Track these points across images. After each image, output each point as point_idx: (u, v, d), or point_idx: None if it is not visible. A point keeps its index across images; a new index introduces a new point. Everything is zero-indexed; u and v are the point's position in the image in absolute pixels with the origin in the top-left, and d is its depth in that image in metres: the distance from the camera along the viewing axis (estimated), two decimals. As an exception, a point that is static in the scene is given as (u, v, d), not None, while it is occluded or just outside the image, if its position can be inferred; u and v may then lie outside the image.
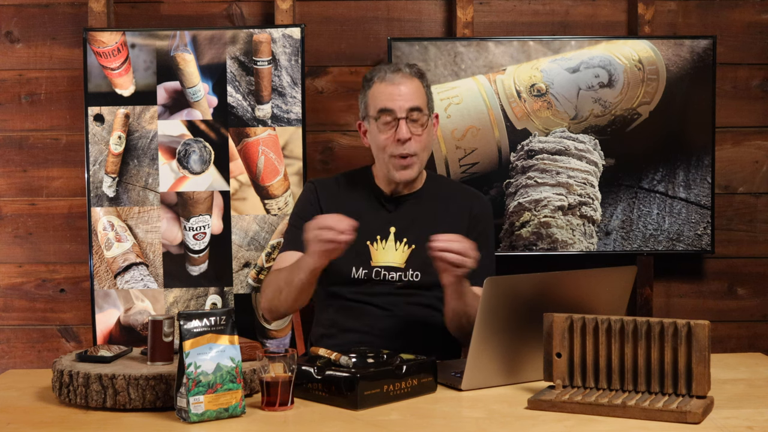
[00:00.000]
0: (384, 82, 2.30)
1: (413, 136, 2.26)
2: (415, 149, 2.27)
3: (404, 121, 2.25)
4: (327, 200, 2.38)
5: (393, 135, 2.26)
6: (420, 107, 2.28)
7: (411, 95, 2.27)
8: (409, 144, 2.26)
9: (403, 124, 2.25)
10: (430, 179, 2.43)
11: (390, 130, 2.27)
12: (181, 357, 1.70)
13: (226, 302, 2.87)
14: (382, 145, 2.29)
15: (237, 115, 2.86)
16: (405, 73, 2.31)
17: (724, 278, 3.12)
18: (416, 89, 2.29)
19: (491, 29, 3.06)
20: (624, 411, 1.71)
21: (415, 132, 2.27)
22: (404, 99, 2.27)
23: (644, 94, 2.94)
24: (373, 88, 2.32)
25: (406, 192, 2.37)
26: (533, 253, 2.95)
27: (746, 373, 2.09)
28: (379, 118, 2.28)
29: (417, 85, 2.30)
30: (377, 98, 2.29)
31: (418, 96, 2.29)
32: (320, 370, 1.82)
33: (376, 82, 2.31)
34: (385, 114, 2.27)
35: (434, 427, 1.70)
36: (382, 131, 2.28)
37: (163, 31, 2.86)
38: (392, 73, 2.30)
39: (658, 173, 2.95)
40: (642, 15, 2.99)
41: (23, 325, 3.07)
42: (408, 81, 2.29)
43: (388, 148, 2.27)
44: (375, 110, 2.29)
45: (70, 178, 3.05)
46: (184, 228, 2.86)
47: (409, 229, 2.32)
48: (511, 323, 1.92)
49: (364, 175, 2.42)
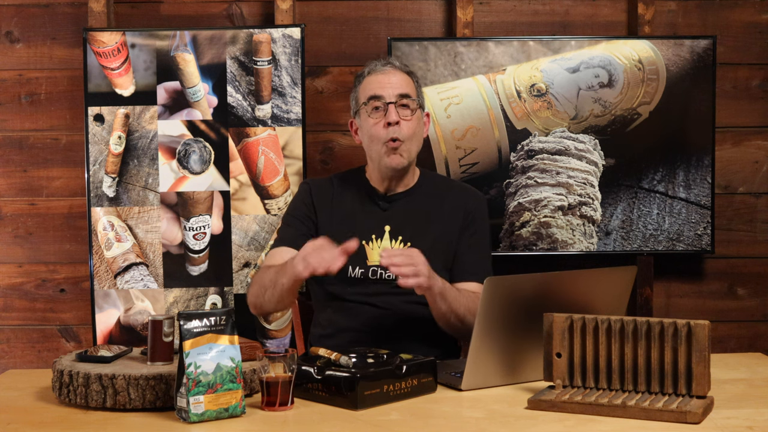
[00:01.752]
0: (374, 73, 2.35)
1: (402, 120, 2.28)
2: (404, 134, 2.28)
3: (393, 105, 2.28)
4: (321, 200, 2.39)
5: (383, 120, 2.29)
6: (409, 94, 2.31)
7: (400, 84, 2.32)
8: (398, 128, 2.28)
9: (392, 108, 2.28)
10: (423, 176, 2.43)
11: (379, 115, 2.30)
12: (181, 357, 1.70)
13: (226, 302, 2.87)
14: (372, 133, 2.30)
15: (237, 115, 2.86)
16: (395, 66, 2.36)
17: (724, 278, 3.12)
18: (406, 80, 2.34)
19: (491, 29, 3.06)
20: (624, 411, 1.71)
21: (404, 117, 2.29)
22: (393, 86, 2.31)
23: (644, 94, 2.94)
24: (363, 82, 2.36)
25: (399, 190, 2.38)
26: (533, 253, 2.95)
27: (746, 373, 2.09)
28: (368, 104, 2.31)
29: (407, 78, 2.36)
30: (367, 88, 2.34)
31: (408, 85, 2.33)
32: (320, 370, 1.82)
33: (367, 76, 2.36)
34: (375, 100, 2.30)
35: (434, 427, 1.70)
36: (371, 116, 2.31)
37: (163, 31, 2.86)
38: (383, 65, 2.36)
39: (658, 173, 2.95)
40: (642, 15, 2.99)
41: (23, 325, 3.07)
42: (398, 72, 2.34)
43: (379, 134, 2.29)
44: (365, 98, 2.32)
45: (70, 178, 3.05)
46: (184, 228, 2.86)
47: (404, 227, 2.33)
48: (511, 323, 1.92)
49: (357, 175, 2.44)
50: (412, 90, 2.34)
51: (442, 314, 2.18)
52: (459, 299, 2.18)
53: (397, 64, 2.37)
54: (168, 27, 2.94)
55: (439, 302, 2.15)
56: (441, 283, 2.14)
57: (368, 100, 2.31)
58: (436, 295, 2.13)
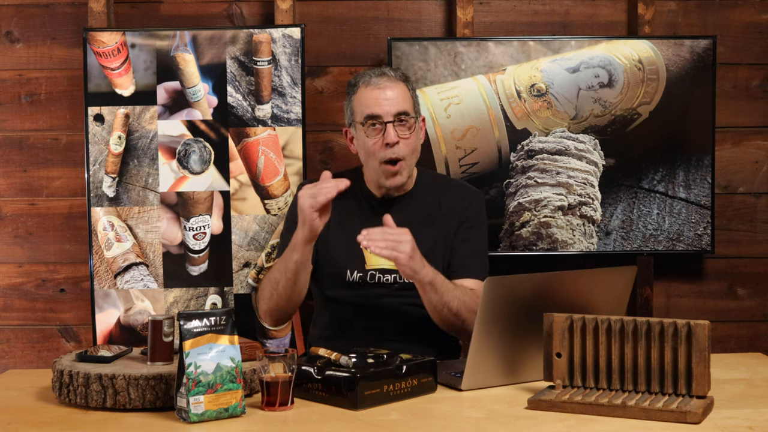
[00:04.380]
0: (369, 86, 2.29)
1: (401, 139, 2.26)
2: (403, 153, 2.26)
3: (391, 125, 2.25)
4: None
5: (381, 140, 2.26)
6: (407, 111, 2.27)
7: (397, 99, 2.27)
8: (397, 147, 2.25)
9: (391, 128, 2.25)
10: (421, 177, 2.41)
11: (378, 135, 2.26)
12: (181, 357, 1.70)
13: (226, 302, 2.87)
14: (370, 151, 2.28)
15: (237, 115, 2.86)
16: (390, 77, 2.30)
17: (724, 278, 3.12)
18: (402, 93, 2.29)
19: (491, 29, 3.06)
20: (624, 411, 1.71)
21: (402, 135, 2.26)
22: (391, 104, 2.26)
23: (644, 94, 2.94)
24: (358, 94, 2.31)
25: (396, 194, 2.36)
26: (533, 253, 2.95)
27: (746, 373, 2.09)
28: (365, 124, 2.27)
29: (402, 88, 2.30)
30: (363, 104, 2.28)
31: (405, 100, 2.28)
32: (320, 370, 1.82)
33: (361, 87, 2.30)
34: (372, 119, 2.26)
35: (434, 427, 1.70)
36: (369, 136, 2.27)
37: (163, 31, 2.86)
38: (377, 77, 2.29)
39: (658, 173, 2.95)
40: (642, 15, 2.99)
41: (23, 325, 3.07)
42: (393, 85, 2.28)
43: (377, 153, 2.26)
44: (362, 116, 2.28)
45: (70, 178, 3.05)
46: (184, 228, 2.86)
47: None
48: (511, 323, 1.93)
49: (354, 177, 2.39)
50: (409, 104, 2.29)
51: (433, 307, 2.16)
52: (453, 292, 2.16)
53: (391, 73, 2.30)
54: (168, 27, 2.94)
55: (430, 293, 2.13)
56: (432, 273, 2.12)
57: (365, 119, 2.27)
58: (426, 284, 2.12)
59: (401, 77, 2.32)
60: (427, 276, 2.11)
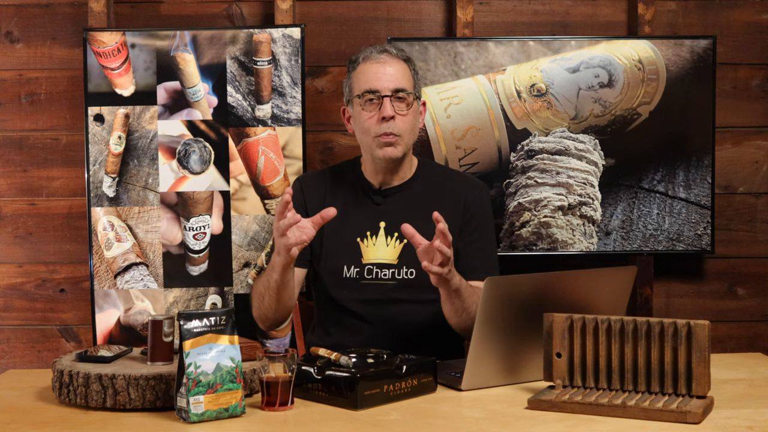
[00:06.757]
0: (369, 61, 2.25)
1: (398, 115, 2.21)
2: (399, 129, 2.21)
3: (389, 99, 2.21)
4: (312, 198, 2.34)
5: (377, 114, 2.21)
6: (405, 88, 2.23)
7: (397, 75, 2.23)
8: (393, 123, 2.20)
9: (388, 102, 2.20)
10: (421, 167, 2.36)
11: (374, 109, 2.22)
12: (181, 357, 1.70)
13: (226, 302, 2.87)
14: (365, 126, 2.23)
15: (237, 115, 2.86)
16: (392, 54, 2.27)
17: (724, 278, 3.12)
18: (403, 70, 2.25)
19: (491, 29, 3.06)
20: (624, 411, 1.71)
21: (399, 111, 2.22)
22: (390, 79, 2.22)
23: (644, 94, 2.94)
24: (358, 69, 2.27)
25: (395, 183, 2.31)
26: (533, 253, 2.95)
27: (746, 373, 2.09)
28: (363, 97, 2.23)
29: (404, 67, 2.27)
30: (362, 79, 2.25)
31: (405, 77, 2.25)
32: (320, 370, 1.82)
33: (362, 62, 2.27)
34: (370, 93, 2.22)
35: (434, 427, 1.70)
36: (366, 109, 2.23)
37: (163, 31, 2.86)
38: (378, 53, 2.26)
39: (658, 173, 2.95)
40: (642, 15, 2.99)
41: (23, 325, 3.07)
42: (395, 62, 2.25)
43: (372, 128, 2.22)
44: (360, 90, 2.24)
45: (70, 178, 3.05)
46: (184, 228, 2.86)
47: (399, 223, 2.17)
48: (511, 323, 1.92)
49: (352, 167, 2.37)
50: (409, 82, 2.26)
51: (455, 311, 2.11)
52: (472, 297, 2.10)
53: (394, 51, 2.27)
54: (168, 27, 2.94)
55: (454, 298, 2.08)
56: (458, 280, 2.06)
57: (363, 93, 2.23)
58: (452, 291, 2.06)
59: (403, 57, 2.29)
60: (456, 283, 2.05)
